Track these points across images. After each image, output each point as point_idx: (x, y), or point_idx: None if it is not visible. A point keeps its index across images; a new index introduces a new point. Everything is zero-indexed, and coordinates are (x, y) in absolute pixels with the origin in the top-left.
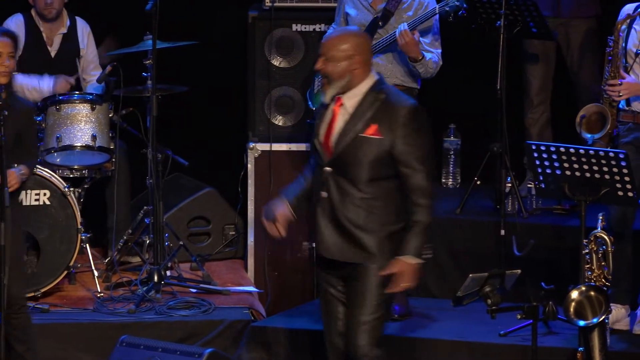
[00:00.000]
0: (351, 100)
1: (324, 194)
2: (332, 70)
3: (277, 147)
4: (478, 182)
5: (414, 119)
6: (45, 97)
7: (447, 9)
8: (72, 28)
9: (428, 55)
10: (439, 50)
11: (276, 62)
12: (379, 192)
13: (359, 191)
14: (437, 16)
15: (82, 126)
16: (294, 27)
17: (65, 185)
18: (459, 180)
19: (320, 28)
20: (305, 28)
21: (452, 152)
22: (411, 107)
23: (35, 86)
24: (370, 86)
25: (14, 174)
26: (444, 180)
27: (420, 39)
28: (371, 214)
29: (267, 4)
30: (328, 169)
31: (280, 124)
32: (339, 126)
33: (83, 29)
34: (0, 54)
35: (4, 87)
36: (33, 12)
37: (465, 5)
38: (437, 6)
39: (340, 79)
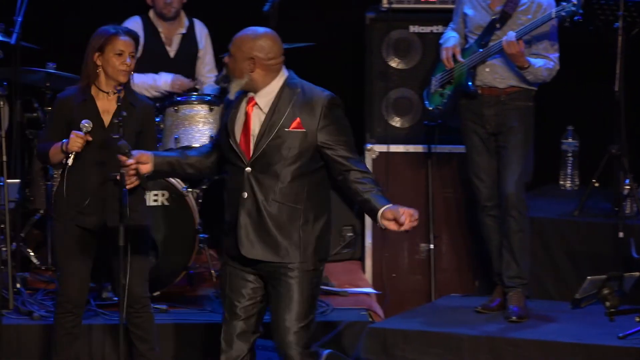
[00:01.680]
0: (264, 99)
1: (245, 195)
2: (232, 68)
3: (395, 148)
4: (596, 184)
5: (333, 108)
6: (163, 95)
7: (563, 13)
8: (191, 29)
9: (538, 63)
10: (556, 55)
11: (393, 63)
12: (303, 187)
13: (283, 187)
14: (555, 20)
15: (200, 127)
16: (411, 28)
17: (184, 186)
18: (577, 182)
19: (437, 29)
20: (422, 29)
21: (570, 154)
22: (328, 97)
23: (151, 84)
24: (282, 83)
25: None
26: (561, 182)
27: (535, 43)
28: (295, 210)
29: (384, 5)
30: (248, 169)
31: (397, 125)
32: (256, 126)
33: (201, 30)
34: (122, 52)
35: (123, 86)
36: (151, 14)
37: (581, 10)
38: (554, 10)
39: (239, 78)
